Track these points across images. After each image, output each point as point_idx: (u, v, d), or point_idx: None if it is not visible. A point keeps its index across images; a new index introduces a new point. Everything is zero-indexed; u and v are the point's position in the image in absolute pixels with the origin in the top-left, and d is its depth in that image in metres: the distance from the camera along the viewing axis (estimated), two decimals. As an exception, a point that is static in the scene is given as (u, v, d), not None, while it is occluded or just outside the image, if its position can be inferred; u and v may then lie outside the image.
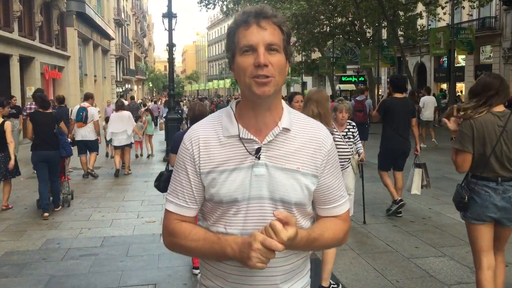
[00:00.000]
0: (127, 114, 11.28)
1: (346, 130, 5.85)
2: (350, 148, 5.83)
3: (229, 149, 1.52)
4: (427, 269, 4.90)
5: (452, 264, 5.04)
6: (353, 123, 5.89)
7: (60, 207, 7.66)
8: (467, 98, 3.69)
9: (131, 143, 11.48)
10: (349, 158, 5.80)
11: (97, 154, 11.09)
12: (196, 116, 4.78)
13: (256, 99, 1.47)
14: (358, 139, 6.01)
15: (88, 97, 11.11)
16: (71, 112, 11.47)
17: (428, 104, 15.35)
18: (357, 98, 13.71)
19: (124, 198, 8.56)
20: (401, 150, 6.93)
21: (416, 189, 6.76)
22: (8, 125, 7.40)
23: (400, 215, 6.87)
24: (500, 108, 3.43)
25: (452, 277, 4.68)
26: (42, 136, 7.34)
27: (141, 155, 14.79)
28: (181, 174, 1.57)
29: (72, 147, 8.54)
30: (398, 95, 7.00)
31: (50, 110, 7.67)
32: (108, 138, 11.80)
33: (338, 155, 6.06)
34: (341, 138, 5.77)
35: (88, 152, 10.78)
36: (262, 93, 1.44)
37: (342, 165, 5.67)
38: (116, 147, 11.16)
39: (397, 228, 6.34)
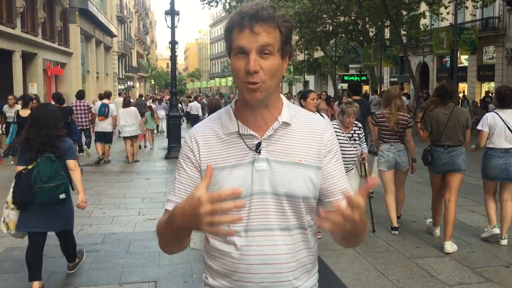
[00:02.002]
0: (133, 109, 12.96)
1: (352, 132, 5.81)
2: (356, 150, 5.77)
3: (229, 146, 1.52)
4: (428, 269, 4.89)
5: (453, 264, 5.03)
6: (360, 125, 5.87)
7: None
8: (432, 95, 5.86)
9: (137, 135, 13.15)
10: (354, 161, 5.75)
11: (110, 146, 12.82)
12: (213, 108, 6.33)
13: (248, 102, 1.48)
14: (364, 140, 5.98)
15: (107, 95, 13.33)
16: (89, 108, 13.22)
17: None
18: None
19: (126, 195, 8.56)
20: None
21: (374, 173, 6.92)
22: None
23: (372, 195, 7.31)
24: (450, 104, 5.52)
25: (453, 277, 4.67)
26: None
27: (145, 146, 16.31)
28: (182, 172, 1.57)
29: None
30: (356, 97, 8.03)
31: (64, 105, 9.73)
32: (121, 130, 13.19)
33: (343, 157, 6.05)
34: (347, 140, 5.71)
35: (102, 143, 12.41)
36: (252, 98, 1.45)
37: (347, 167, 5.70)
38: (125, 138, 12.75)
39: (398, 228, 6.32)
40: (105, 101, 12.82)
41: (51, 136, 4.24)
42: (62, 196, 4.25)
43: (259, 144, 1.50)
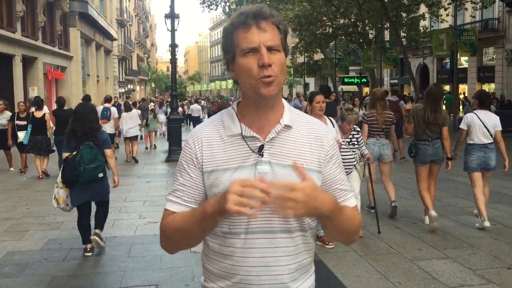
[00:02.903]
0: (135, 112, 14.09)
1: (351, 136, 5.88)
2: (355, 154, 5.83)
3: (232, 147, 1.52)
4: (429, 271, 4.88)
5: (455, 266, 5.02)
6: (358, 129, 5.98)
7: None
8: (424, 98, 6.57)
9: (137, 135, 14.00)
10: (354, 165, 5.81)
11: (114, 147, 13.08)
12: (220, 109, 6.88)
13: (261, 99, 1.48)
14: (362, 143, 6.05)
15: (108, 100, 13.77)
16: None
17: None
18: (391, 99, 14.26)
19: (126, 198, 8.56)
20: None
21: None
22: (47, 116, 10.72)
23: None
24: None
25: (455, 279, 4.66)
26: (61, 125, 9.63)
27: (150, 147, 17.31)
28: (183, 173, 1.56)
29: None
30: (326, 100, 8.70)
31: (66, 108, 11.02)
32: (125, 134, 13.91)
33: (343, 162, 6.13)
34: (346, 145, 5.78)
35: None
36: (267, 93, 1.45)
37: (347, 170, 5.69)
38: (126, 138, 13.69)
39: (399, 230, 6.32)
40: (107, 105, 13.41)
41: (92, 128, 5.35)
42: (101, 175, 5.35)
43: (261, 147, 1.50)
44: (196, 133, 1.58)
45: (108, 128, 12.61)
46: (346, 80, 40.69)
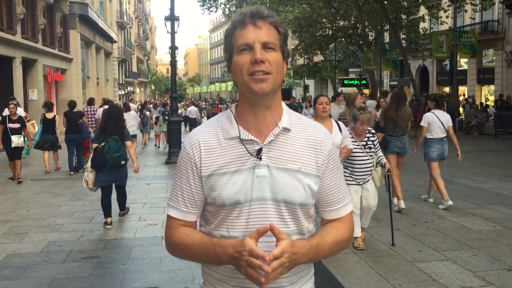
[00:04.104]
0: (133, 113, 14.41)
1: (366, 139, 5.39)
2: (372, 159, 5.39)
3: (230, 151, 1.51)
4: (430, 273, 4.87)
5: (455, 268, 5.02)
6: (373, 131, 5.53)
7: (80, 170, 11.26)
8: (390, 98, 8.41)
9: (135, 134, 14.26)
10: (371, 171, 5.39)
11: None
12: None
13: (254, 96, 1.47)
14: (379, 148, 5.59)
15: (107, 102, 15.54)
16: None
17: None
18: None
19: (126, 200, 8.54)
20: None
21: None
22: (57, 117, 11.82)
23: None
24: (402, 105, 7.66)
25: (455, 281, 4.65)
26: (71, 126, 11.46)
27: (158, 147, 18.20)
28: (182, 179, 1.56)
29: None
30: (285, 101, 8.69)
31: (75, 110, 12.04)
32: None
33: (359, 168, 5.43)
34: (361, 149, 5.30)
35: None
36: (260, 90, 1.44)
37: (363, 178, 5.34)
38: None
39: (399, 232, 6.31)
40: (105, 106, 13.75)
41: (120, 126, 6.79)
42: (123, 162, 6.67)
43: (260, 150, 1.49)
44: (193, 137, 1.57)
45: None
46: (346, 82, 40.63)
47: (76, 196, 8.92)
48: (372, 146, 5.41)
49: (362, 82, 37.36)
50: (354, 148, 5.29)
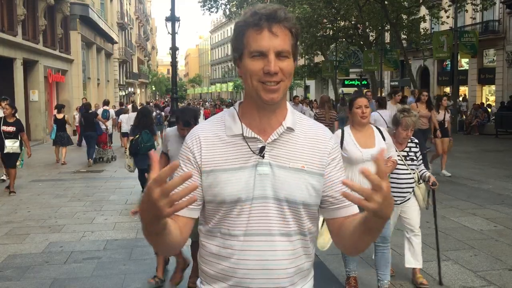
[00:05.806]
0: (133, 114, 15.16)
1: (407, 149, 4.50)
2: (413, 174, 4.49)
3: (232, 148, 1.50)
4: (431, 273, 4.87)
5: (456, 268, 5.02)
6: (415, 140, 4.57)
7: (91, 161, 13.31)
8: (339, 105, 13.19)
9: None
10: (413, 187, 4.53)
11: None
12: None
13: (262, 104, 1.47)
14: (421, 160, 4.63)
15: (106, 103, 17.90)
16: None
17: None
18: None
19: (127, 201, 8.56)
20: None
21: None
22: (68, 117, 14.24)
23: None
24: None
25: (456, 281, 4.65)
26: (87, 124, 13.54)
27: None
28: (180, 173, 1.53)
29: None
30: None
31: (91, 111, 14.16)
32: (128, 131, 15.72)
33: (398, 182, 4.53)
34: (402, 160, 4.44)
35: None
36: (270, 100, 1.44)
37: (403, 196, 4.47)
38: (124, 135, 15.89)
39: (400, 232, 6.30)
40: (106, 107, 16.92)
41: (150, 123, 8.07)
42: (152, 150, 7.66)
43: (263, 148, 1.48)
44: (195, 133, 1.56)
45: (109, 126, 15.28)
46: (346, 82, 40.76)
47: (77, 197, 8.93)
48: (414, 158, 4.48)
49: (363, 82, 37.40)
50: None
